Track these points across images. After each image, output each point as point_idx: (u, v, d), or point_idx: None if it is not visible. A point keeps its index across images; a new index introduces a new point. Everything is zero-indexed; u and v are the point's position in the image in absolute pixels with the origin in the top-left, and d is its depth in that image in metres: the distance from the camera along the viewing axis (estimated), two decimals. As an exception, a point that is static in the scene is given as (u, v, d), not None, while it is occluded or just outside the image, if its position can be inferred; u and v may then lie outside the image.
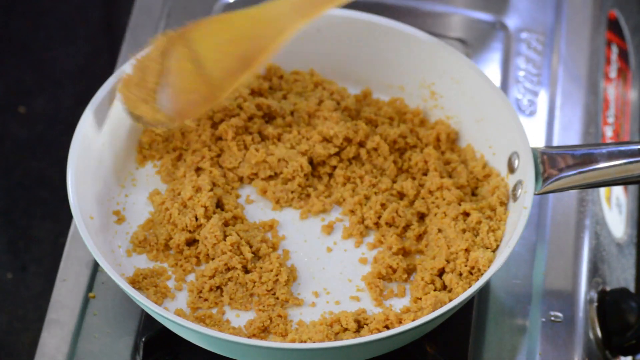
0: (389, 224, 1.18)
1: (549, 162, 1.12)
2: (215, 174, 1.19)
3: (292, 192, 1.20)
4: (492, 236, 1.14)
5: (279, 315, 1.12)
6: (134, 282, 1.14)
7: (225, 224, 1.16)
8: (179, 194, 1.18)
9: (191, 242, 1.16)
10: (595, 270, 1.25)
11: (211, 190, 1.17)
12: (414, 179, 1.21)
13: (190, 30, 1.11)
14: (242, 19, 1.10)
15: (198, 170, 1.20)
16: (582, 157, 1.11)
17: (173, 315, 1.06)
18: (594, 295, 1.23)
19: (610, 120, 1.40)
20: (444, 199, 1.18)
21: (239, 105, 1.23)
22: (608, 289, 1.25)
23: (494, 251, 1.14)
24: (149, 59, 1.14)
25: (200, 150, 1.20)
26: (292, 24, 1.07)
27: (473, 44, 1.42)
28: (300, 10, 1.06)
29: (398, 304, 1.14)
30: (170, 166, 1.21)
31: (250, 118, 1.23)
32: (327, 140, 1.21)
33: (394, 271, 1.15)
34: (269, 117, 1.25)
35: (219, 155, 1.22)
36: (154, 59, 1.13)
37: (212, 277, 1.13)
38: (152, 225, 1.18)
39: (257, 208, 1.20)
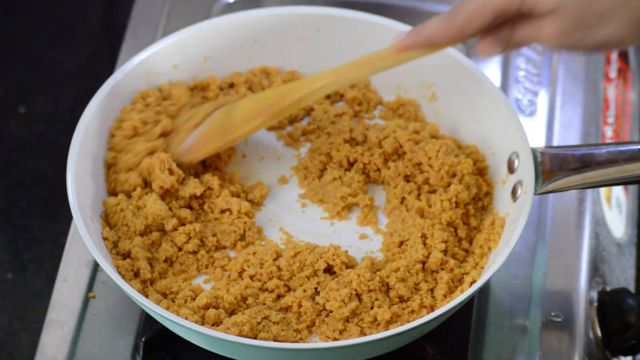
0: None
1: (549, 162, 1.12)
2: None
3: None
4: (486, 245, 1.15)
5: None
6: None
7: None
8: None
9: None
10: (595, 270, 1.25)
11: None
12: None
13: (240, 101, 1.21)
14: (281, 88, 1.20)
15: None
16: (582, 157, 1.11)
17: (173, 315, 1.06)
18: (594, 295, 1.23)
19: (610, 120, 1.40)
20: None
21: None
22: (608, 289, 1.25)
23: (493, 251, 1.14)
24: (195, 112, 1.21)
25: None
26: (320, 84, 1.16)
27: (473, 44, 1.41)
28: (331, 76, 1.16)
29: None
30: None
31: None
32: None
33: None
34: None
35: None
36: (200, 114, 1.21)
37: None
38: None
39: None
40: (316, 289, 1.13)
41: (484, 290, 1.21)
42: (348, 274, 1.12)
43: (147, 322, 1.16)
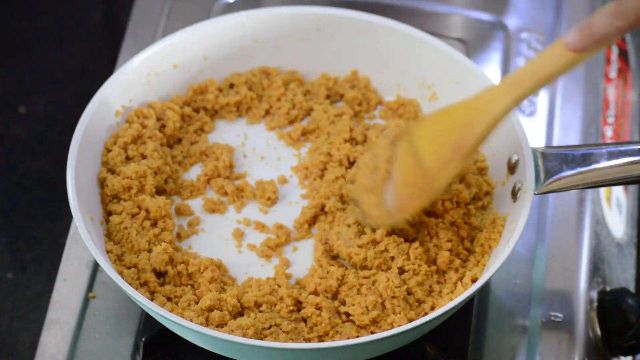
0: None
1: (549, 162, 1.12)
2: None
3: None
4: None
5: None
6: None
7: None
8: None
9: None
10: (595, 270, 1.25)
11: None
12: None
13: (412, 126, 1.12)
14: (456, 109, 1.09)
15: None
16: (582, 157, 1.11)
17: (173, 315, 1.06)
18: (594, 295, 1.23)
19: (610, 120, 1.40)
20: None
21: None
22: (608, 289, 1.25)
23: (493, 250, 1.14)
24: (376, 161, 1.14)
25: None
26: (502, 107, 1.06)
27: (473, 44, 1.42)
28: (510, 93, 1.05)
29: None
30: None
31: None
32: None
33: None
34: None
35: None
36: (381, 160, 1.13)
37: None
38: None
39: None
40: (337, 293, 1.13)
41: (484, 290, 1.21)
42: (378, 278, 1.12)
43: (147, 322, 1.16)
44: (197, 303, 1.12)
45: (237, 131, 1.27)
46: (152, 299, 1.11)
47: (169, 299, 1.13)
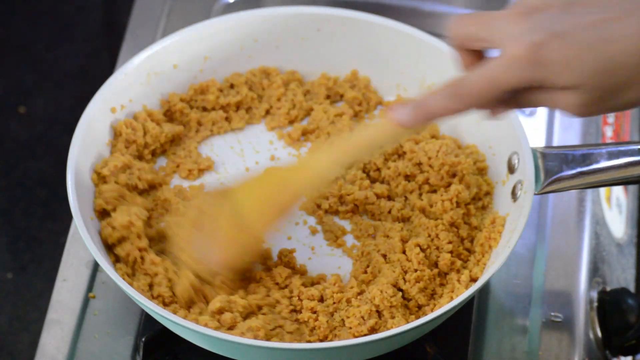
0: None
1: (549, 162, 1.12)
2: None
3: None
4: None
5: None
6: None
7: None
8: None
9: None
10: (595, 270, 1.25)
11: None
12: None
13: (236, 188, 1.14)
14: (279, 171, 1.14)
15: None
16: (582, 157, 1.11)
17: (173, 315, 1.06)
18: (594, 295, 1.23)
19: (610, 120, 1.40)
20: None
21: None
22: (608, 289, 1.25)
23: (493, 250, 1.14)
24: (201, 217, 1.14)
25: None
26: (321, 168, 1.10)
27: (473, 44, 1.41)
28: (331, 157, 1.08)
29: None
30: None
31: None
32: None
33: None
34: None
35: None
36: (206, 217, 1.14)
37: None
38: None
39: None
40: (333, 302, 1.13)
41: (484, 290, 1.21)
42: (370, 291, 1.12)
43: (147, 322, 1.16)
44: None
45: (230, 142, 1.27)
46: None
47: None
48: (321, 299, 1.12)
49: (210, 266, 1.12)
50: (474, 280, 1.12)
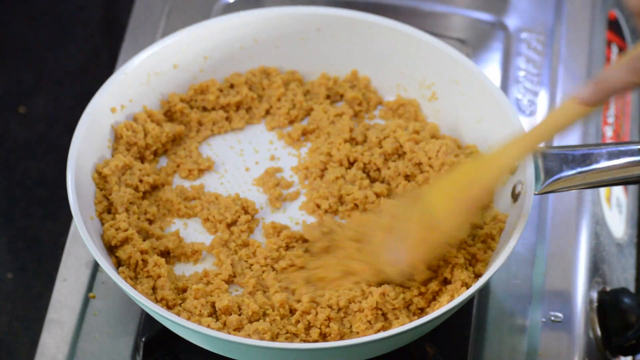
0: None
1: (549, 162, 1.12)
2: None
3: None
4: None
5: None
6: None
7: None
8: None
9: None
10: (595, 270, 1.25)
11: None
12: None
13: (426, 189, 1.15)
14: (467, 166, 1.16)
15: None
16: (582, 157, 1.11)
17: (173, 315, 1.06)
18: (594, 295, 1.23)
19: (610, 120, 1.40)
20: None
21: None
22: (608, 289, 1.25)
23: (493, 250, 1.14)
24: (392, 222, 1.15)
25: None
26: (514, 158, 1.12)
27: (473, 44, 1.42)
28: (521, 147, 1.10)
29: None
30: None
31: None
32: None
33: None
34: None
35: None
36: (398, 221, 1.14)
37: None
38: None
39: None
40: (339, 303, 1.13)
41: (484, 290, 1.21)
42: (374, 293, 1.11)
43: (147, 322, 1.16)
44: (212, 306, 1.12)
45: (230, 142, 1.27)
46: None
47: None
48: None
49: (402, 267, 1.12)
50: (473, 280, 1.12)
